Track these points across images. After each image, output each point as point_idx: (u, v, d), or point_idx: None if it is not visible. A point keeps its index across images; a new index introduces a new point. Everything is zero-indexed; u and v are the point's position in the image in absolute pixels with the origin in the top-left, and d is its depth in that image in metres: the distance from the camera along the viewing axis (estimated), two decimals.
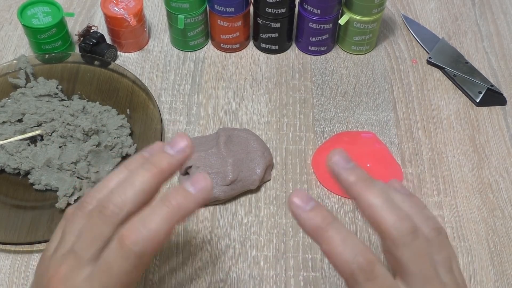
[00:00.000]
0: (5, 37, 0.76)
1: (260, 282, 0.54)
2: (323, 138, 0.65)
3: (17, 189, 0.60)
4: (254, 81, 0.70)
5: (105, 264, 0.35)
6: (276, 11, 0.68)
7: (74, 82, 0.68)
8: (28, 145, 0.61)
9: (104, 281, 0.35)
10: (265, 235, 0.57)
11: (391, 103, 0.68)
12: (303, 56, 0.73)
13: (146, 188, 0.37)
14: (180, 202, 0.36)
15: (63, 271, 0.37)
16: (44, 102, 0.64)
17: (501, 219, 0.59)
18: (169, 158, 0.38)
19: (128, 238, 0.35)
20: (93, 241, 0.36)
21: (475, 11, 0.79)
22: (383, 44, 0.75)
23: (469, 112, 0.68)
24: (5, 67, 0.67)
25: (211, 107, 0.67)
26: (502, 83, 0.71)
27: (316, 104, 0.68)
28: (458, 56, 0.73)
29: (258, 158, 0.60)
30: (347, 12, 0.69)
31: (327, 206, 0.59)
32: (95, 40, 0.70)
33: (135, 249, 0.34)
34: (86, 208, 0.38)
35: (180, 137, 0.39)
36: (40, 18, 0.68)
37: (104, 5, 0.69)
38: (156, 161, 0.38)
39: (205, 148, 0.60)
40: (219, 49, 0.74)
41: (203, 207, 0.59)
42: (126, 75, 0.67)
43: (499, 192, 0.61)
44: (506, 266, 0.55)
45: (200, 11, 0.69)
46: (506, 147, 0.65)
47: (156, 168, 0.37)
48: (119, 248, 0.35)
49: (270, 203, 0.60)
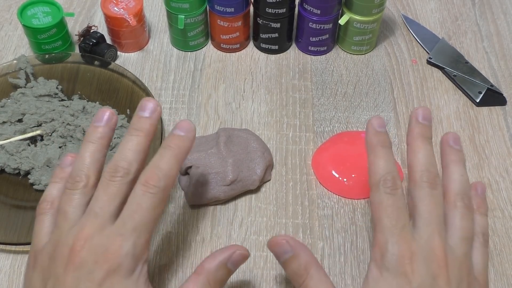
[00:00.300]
0: (5, 37, 0.76)
1: (260, 282, 0.54)
2: (323, 138, 0.65)
3: (17, 189, 0.60)
4: (254, 81, 0.70)
5: (135, 205, 0.42)
6: (276, 11, 0.68)
7: (74, 82, 0.68)
8: (28, 145, 0.61)
9: (135, 220, 0.41)
10: (265, 235, 0.57)
11: (391, 103, 0.68)
12: (303, 56, 0.73)
13: (140, 149, 0.44)
14: (178, 143, 0.44)
15: (87, 232, 0.41)
16: (44, 102, 0.64)
17: (501, 219, 0.59)
18: (148, 120, 0.45)
19: (151, 179, 0.42)
20: (112, 200, 0.42)
21: (475, 11, 0.79)
22: (383, 44, 0.75)
23: (469, 112, 0.68)
24: (5, 67, 0.67)
25: (211, 107, 0.68)
26: (502, 83, 0.71)
27: (316, 104, 0.68)
28: (458, 56, 0.73)
29: (258, 158, 0.60)
30: (347, 12, 0.69)
31: (327, 206, 0.59)
32: (95, 40, 0.70)
33: (160, 184, 0.42)
34: (79, 184, 0.44)
35: (147, 100, 0.46)
36: (40, 18, 0.68)
37: (104, 5, 0.69)
38: (139, 126, 0.45)
39: (205, 148, 0.60)
40: (219, 49, 0.74)
41: (203, 207, 0.59)
42: (126, 75, 0.67)
43: (499, 192, 0.61)
44: (506, 266, 0.55)
45: (200, 11, 0.69)
46: (506, 147, 0.65)
47: (142, 131, 0.45)
48: (146, 188, 0.42)
49: (270, 203, 0.60)
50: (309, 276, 0.44)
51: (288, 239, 0.45)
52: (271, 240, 0.46)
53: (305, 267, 0.44)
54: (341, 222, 0.58)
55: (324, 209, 0.59)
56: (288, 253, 0.45)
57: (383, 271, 0.41)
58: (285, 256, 0.45)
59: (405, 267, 0.40)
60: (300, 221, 0.58)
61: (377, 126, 0.47)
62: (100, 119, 0.47)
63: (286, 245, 0.45)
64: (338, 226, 0.58)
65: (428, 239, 0.41)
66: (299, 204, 0.59)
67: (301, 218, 0.58)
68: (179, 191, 0.60)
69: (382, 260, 0.41)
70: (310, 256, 0.45)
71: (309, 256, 0.45)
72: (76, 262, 0.40)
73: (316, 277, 0.44)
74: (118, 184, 0.43)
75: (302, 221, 0.58)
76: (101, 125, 0.47)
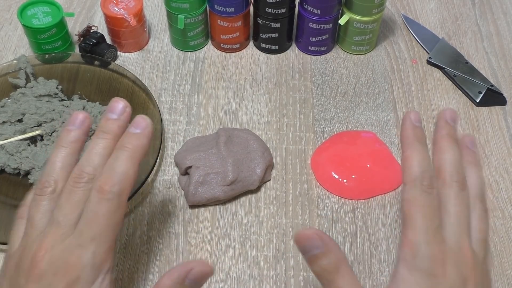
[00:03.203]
0: (5, 37, 0.76)
1: (260, 282, 0.54)
2: (323, 138, 0.65)
3: (17, 189, 0.60)
4: (254, 81, 0.70)
5: (91, 213, 0.40)
6: (276, 11, 0.68)
7: (74, 82, 0.68)
8: (28, 145, 0.61)
9: (93, 229, 0.40)
10: (265, 235, 0.57)
11: (391, 103, 0.68)
12: (303, 56, 0.73)
13: (108, 152, 0.43)
14: (134, 143, 0.43)
15: (48, 242, 0.40)
16: (44, 102, 0.64)
17: (501, 219, 0.59)
18: (117, 122, 0.44)
19: (106, 184, 0.40)
20: (75, 208, 0.41)
21: (475, 11, 0.79)
22: (383, 44, 0.75)
23: (469, 112, 0.68)
24: (5, 67, 0.67)
25: (211, 107, 0.68)
26: (502, 83, 0.71)
27: (316, 104, 0.68)
28: (458, 56, 0.73)
29: (258, 158, 0.60)
30: (347, 12, 0.69)
31: (327, 206, 0.59)
32: (95, 40, 0.70)
33: (115, 189, 0.40)
34: (47, 189, 0.43)
35: (116, 101, 0.45)
36: (40, 18, 0.68)
37: (104, 5, 0.69)
38: (107, 128, 0.44)
39: (205, 148, 0.60)
40: (219, 49, 0.74)
41: (203, 207, 0.59)
42: (126, 75, 0.67)
43: (499, 192, 0.61)
44: (506, 266, 0.55)
45: (200, 11, 0.69)
46: (506, 147, 0.65)
47: (110, 134, 0.44)
48: (101, 195, 0.40)
49: (270, 203, 0.60)
50: (340, 275, 0.40)
51: (319, 234, 0.41)
52: (299, 234, 0.41)
53: (336, 265, 0.41)
54: (341, 222, 0.58)
55: (324, 209, 0.59)
56: (319, 248, 0.41)
57: (414, 272, 0.39)
58: (315, 251, 0.41)
59: (437, 269, 0.39)
60: (300, 221, 0.58)
61: (414, 121, 0.45)
62: (73, 122, 0.45)
63: (317, 240, 0.41)
64: (338, 226, 0.58)
65: (458, 240, 0.40)
66: (299, 204, 0.59)
67: (301, 218, 0.58)
68: (179, 191, 0.60)
69: (414, 260, 0.39)
70: (341, 253, 0.41)
71: (340, 253, 0.41)
72: (36, 273, 0.39)
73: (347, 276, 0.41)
74: (82, 191, 0.41)
75: (302, 221, 0.58)
76: (74, 128, 0.45)
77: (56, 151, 0.44)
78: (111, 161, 0.42)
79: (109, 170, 0.41)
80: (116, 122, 0.44)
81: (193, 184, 0.57)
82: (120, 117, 0.45)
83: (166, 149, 0.64)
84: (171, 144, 0.64)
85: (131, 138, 0.43)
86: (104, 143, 0.43)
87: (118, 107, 0.45)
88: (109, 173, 0.41)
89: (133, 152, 0.42)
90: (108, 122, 0.44)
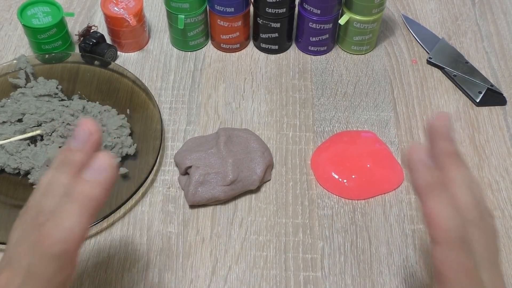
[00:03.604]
0: (5, 37, 0.76)
1: (260, 282, 0.54)
2: (323, 138, 0.65)
3: (17, 189, 0.60)
4: (254, 81, 0.70)
5: (30, 272, 0.35)
6: (276, 11, 0.68)
7: (74, 82, 0.68)
8: (28, 145, 0.61)
9: None
10: (265, 235, 0.57)
11: (391, 103, 0.68)
12: (303, 56, 0.73)
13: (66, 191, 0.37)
14: (86, 193, 0.36)
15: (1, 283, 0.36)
16: (44, 102, 0.64)
17: (501, 219, 0.59)
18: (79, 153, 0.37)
19: (44, 242, 0.34)
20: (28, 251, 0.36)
21: (475, 11, 0.79)
22: (383, 44, 0.75)
23: (469, 112, 0.68)
24: (5, 67, 0.67)
25: (211, 107, 0.67)
26: (502, 83, 0.71)
27: (316, 104, 0.68)
28: (458, 56, 0.73)
29: (258, 158, 0.60)
30: (347, 12, 0.69)
31: (327, 205, 0.59)
32: (95, 40, 0.70)
33: (53, 250, 0.34)
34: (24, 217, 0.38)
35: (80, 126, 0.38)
36: (40, 18, 0.68)
37: (104, 5, 0.69)
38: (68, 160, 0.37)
39: (205, 148, 0.60)
40: (219, 49, 0.74)
41: (203, 207, 0.59)
42: (126, 75, 0.67)
43: (499, 192, 0.61)
44: (506, 266, 0.55)
45: (200, 11, 0.69)
46: (506, 147, 0.65)
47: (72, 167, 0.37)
48: (39, 253, 0.35)
49: (270, 203, 0.60)
50: None
51: None
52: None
53: None
54: (341, 222, 0.58)
55: (324, 209, 0.59)
56: None
57: None
58: None
59: None
60: (300, 221, 0.58)
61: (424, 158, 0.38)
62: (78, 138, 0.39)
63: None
64: (338, 226, 0.58)
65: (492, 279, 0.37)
66: (299, 204, 0.59)
67: (301, 218, 0.58)
68: (179, 191, 0.60)
69: None
70: None
71: None
72: None
73: None
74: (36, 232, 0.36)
75: (302, 221, 0.58)
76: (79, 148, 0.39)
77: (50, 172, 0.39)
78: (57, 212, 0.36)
79: (52, 224, 0.35)
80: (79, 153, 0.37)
81: (193, 184, 0.57)
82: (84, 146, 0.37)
83: (166, 149, 0.64)
84: (171, 144, 0.64)
85: (83, 186, 0.36)
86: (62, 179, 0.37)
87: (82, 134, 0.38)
88: (52, 228, 0.35)
89: (82, 204, 0.36)
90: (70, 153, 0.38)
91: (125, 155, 0.61)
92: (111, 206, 0.56)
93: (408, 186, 0.61)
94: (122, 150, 0.61)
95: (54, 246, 0.34)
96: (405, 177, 0.62)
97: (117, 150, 0.61)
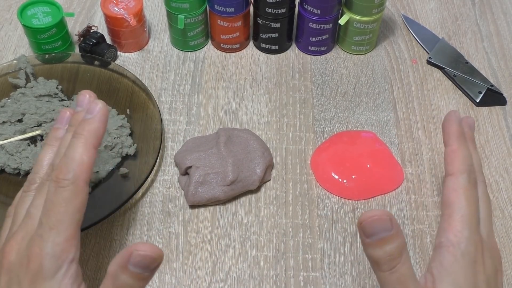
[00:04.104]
0: (5, 37, 0.76)
1: (260, 282, 0.54)
2: (323, 138, 0.65)
3: (17, 189, 0.59)
4: (254, 81, 0.70)
5: (48, 203, 0.40)
6: (276, 11, 0.68)
7: (74, 82, 0.68)
8: (28, 145, 0.61)
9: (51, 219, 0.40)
10: (265, 235, 0.57)
11: (391, 103, 0.68)
12: (303, 56, 0.73)
13: None
14: (87, 128, 0.43)
15: (20, 234, 0.41)
16: (44, 102, 0.64)
17: (501, 219, 0.59)
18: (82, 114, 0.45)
19: (60, 173, 0.41)
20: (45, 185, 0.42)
21: (475, 11, 0.79)
22: (383, 44, 0.75)
23: (469, 112, 0.68)
24: (5, 67, 0.67)
25: (211, 107, 0.67)
26: (502, 83, 0.71)
27: (316, 104, 0.68)
28: (458, 56, 0.73)
29: (258, 158, 0.60)
30: (347, 12, 0.69)
31: (327, 206, 0.59)
32: (95, 40, 0.70)
33: (69, 176, 0.40)
34: (33, 186, 0.45)
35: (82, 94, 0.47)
36: (40, 18, 0.68)
37: (104, 5, 0.69)
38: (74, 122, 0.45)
39: (205, 148, 0.60)
40: (219, 49, 0.74)
41: (203, 207, 0.59)
42: (126, 75, 0.67)
43: (499, 192, 0.61)
44: (506, 266, 0.55)
45: (200, 11, 0.69)
46: (506, 147, 0.65)
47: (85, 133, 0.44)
48: (56, 183, 0.40)
49: (270, 203, 0.60)
50: (402, 261, 0.38)
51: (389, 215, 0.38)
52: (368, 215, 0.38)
53: (400, 250, 0.38)
54: (341, 222, 0.58)
55: (324, 209, 0.59)
56: (387, 231, 0.38)
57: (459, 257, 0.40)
58: (382, 234, 0.38)
59: (478, 257, 0.41)
60: (300, 221, 0.58)
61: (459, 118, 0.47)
62: (61, 120, 0.48)
63: (388, 223, 0.38)
64: (338, 226, 0.58)
65: (489, 234, 0.43)
66: (299, 204, 0.59)
67: (301, 218, 0.58)
68: (179, 191, 0.60)
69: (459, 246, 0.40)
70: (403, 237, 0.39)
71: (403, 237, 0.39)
72: (5, 265, 0.40)
73: (408, 263, 0.39)
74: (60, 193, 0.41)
75: (302, 221, 0.58)
76: (61, 126, 0.47)
77: (44, 150, 0.46)
78: (66, 150, 0.42)
79: (64, 159, 0.42)
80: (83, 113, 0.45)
81: (193, 184, 0.57)
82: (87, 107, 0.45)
83: (166, 149, 0.64)
84: (171, 144, 0.64)
85: (84, 124, 0.44)
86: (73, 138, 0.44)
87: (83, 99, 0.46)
88: (64, 162, 0.41)
89: (86, 138, 0.43)
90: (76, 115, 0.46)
91: (125, 155, 0.61)
92: (111, 206, 0.56)
93: (408, 186, 0.61)
94: (122, 150, 0.61)
95: (68, 173, 0.40)
96: (405, 177, 0.62)
97: (117, 150, 0.61)
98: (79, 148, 0.42)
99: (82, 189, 0.41)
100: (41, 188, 0.43)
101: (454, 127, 0.46)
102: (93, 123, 0.44)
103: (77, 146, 0.42)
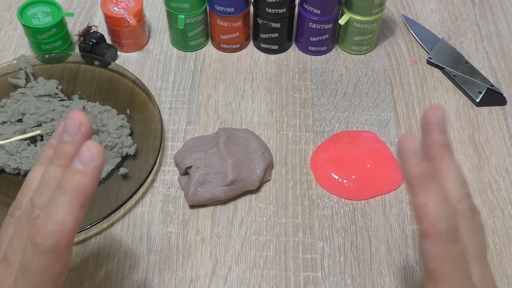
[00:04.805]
0: (5, 37, 0.76)
1: (260, 282, 0.54)
2: (323, 138, 0.65)
3: (17, 189, 0.59)
4: (254, 81, 0.70)
5: (24, 266, 0.35)
6: (276, 11, 0.68)
7: (74, 82, 0.68)
8: (28, 145, 0.61)
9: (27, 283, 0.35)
10: (265, 235, 0.57)
11: (391, 103, 0.68)
12: (303, 56, 0.73)
13: None
14: (75, 183, 0.35)
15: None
16: (44, 102, 0.64)
17: (501, 219, 0.59)
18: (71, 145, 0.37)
19: (38, 236, 0.35)
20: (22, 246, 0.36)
21: (475, 11, 0.79)
22: (383, 44, 0.75)
23: (469, 112, 0.68)
24: (5, 67, 0.67)
25: (211, 107, 0.67)
26: (502, 83, 0.71)
27: (316, 104, 0.68)
28: (458, 56, 0.73)
29: (258, 158, 0.60)
30: (347, 12, 0.69)
31: (327, 206, 0.59)
32: (95, 40, 0.70)
33: (48, 243, 0.35)
34: (15, 214, 0.39)
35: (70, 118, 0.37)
36: (40, 18, 0.68)
37: (104, 5, 0.69)
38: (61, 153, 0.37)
39: (205, 148, 0.60)
40: (219, 49, 0.74)
41: (203, 207, 0.59)
42: (126, 75, 0.67)
43: (499, 192, 0.61)
44: (506, 266, 0.55)
45: (200, 11, 0.69)
46: (506, 147, 0.65)
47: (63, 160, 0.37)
48: (33, 247, 0.35)
49: (270, 203, 0.60)
50: None
51: None
52: None
53: None
54: (341, 222, 0.58)
55: (324, 209, 0.59)
56: None
57: None
58: None
59: None
60: (300, 221, 0.58)
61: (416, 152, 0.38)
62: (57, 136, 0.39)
63: None
64: (338, 226, 0.58)
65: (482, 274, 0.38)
66: (299, 204, 0.59)
67: (301, 218, 0.58)
68: (179, 191, 0.60)
69: None
70: None
71: None
72: None
73: None
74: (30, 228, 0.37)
75: (302, 221, 0.58)
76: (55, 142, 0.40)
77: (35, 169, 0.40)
78: (49, 204, 0.36)
79: (44, 217, 0.35)
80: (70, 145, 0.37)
81: (193, 184, 0.57)
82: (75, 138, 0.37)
83: (166, 149, 0.64)
84: (171, 144, 0.64)
85: (73, 176, 0.36)
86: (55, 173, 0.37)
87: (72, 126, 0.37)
88: (43, 222, 0.35)
89: (73, 195, 0.35)
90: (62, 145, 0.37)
91: (125, 155, 0.61)
92: (111, 206, 0.56)
93: None
94: (122, 150, 0.61)
95: (47, 239, 0.35)
96: None
97: (117, 150, 0.61)
98: (62, 207, 0.35)
99: (64, 254, 0.36)
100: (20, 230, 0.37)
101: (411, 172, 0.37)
102: (84, 178, 0.35)
103: (61, 204, 0.35)
